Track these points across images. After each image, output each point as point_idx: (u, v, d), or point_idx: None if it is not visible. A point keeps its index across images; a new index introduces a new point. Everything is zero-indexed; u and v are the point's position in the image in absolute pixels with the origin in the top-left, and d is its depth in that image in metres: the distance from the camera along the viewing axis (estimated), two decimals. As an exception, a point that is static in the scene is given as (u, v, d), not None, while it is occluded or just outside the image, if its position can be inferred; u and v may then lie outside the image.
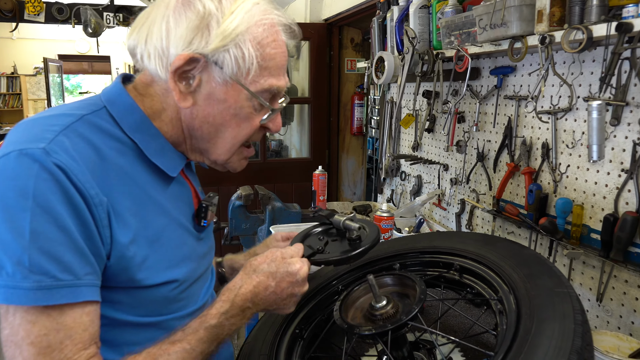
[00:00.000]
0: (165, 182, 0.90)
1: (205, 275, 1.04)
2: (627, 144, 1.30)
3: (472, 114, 1.95)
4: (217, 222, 2.09)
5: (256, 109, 0.89)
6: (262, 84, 0.87)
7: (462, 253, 1.23)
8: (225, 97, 0.85)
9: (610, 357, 1.11)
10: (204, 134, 0.89)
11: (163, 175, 0.89)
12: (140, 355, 0.78)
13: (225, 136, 0.89)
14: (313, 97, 4.11)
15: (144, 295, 0.84)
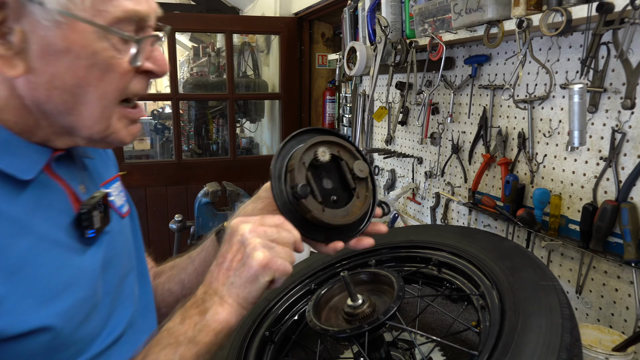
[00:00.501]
0: (16, 189, 0.64)
1: (119, 294, 0.78)
2: (605, 132, 1.27)
3: (447, 105, 1.90)
4: (182, 220, 1.98)
5: (118, 49, 0.64)
6: (113, 12, 0.62)
7: (440, 247, 1.17)
8: (67, 44, 0.61)
9: (595, 351, 1.07)
10: (58, 106, 0.64)
11: (11, 181, 0.63)
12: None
13: (89, 99, 0.64)
14: (284, 93, 4.01)
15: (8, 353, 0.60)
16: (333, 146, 0.80)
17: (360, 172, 0.80)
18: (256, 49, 4.78)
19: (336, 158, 0.80)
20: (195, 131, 4.87)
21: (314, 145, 0.77)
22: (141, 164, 3.93)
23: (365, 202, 0.81)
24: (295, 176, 0.74)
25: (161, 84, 10.83)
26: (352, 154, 0.82)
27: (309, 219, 0.77)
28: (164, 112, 7.38)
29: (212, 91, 4.70)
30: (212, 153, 4.86)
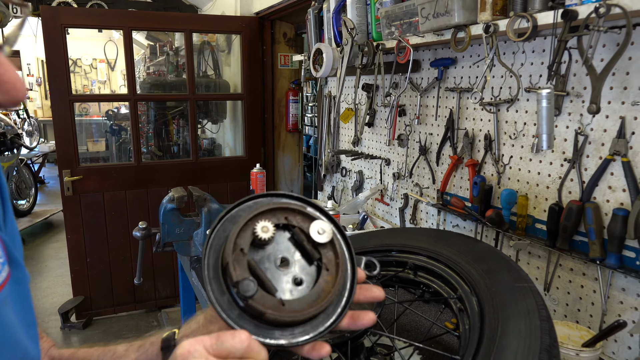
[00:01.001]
0: None
1: None
2: (568, 134, 1.31)
3: (413, 107, 1.92)
4: (147, 227, 1.91)
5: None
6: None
7: (415, 250, 1.18)
8: None
9: (565, 347, 1.10)
10: None
11: None
12: None
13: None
14: (246, 93, 3.95)
15: None
16: (277, 213, 0.60)
17: (320, 235, 0.58)
18: (217, 49, 4.68)
19: (287, 227, 0.60)
20: (155, 132, 4.72)
21: (250, 221, 0.58)
22: (98, 168, 3.76)
23: (338, 271, 0.58)
24: (232, 271, 0.55)
25: (116, 83, 10.47)
26: (305, 215, 0.60)
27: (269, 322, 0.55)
28: (120, 112, 7.14)
29: (170, 91, 4.57)
30: (172, 155, 4.73)
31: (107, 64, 10.27)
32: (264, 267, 0.58)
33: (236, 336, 0.50)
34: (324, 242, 0.59)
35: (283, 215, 0.60)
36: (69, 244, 3.60)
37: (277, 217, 0.60)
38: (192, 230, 1.94)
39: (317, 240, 0.58)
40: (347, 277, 0.60)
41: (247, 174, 4.07)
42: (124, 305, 3.84)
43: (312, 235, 0.59)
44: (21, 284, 0.60)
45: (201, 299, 1.80)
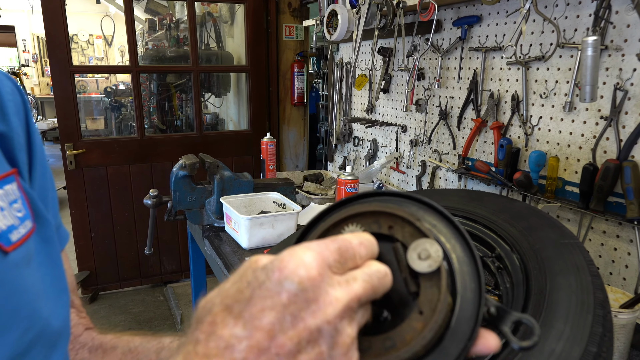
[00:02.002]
0: None
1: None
2: (605, 90, 1.25)
3: (433, 69, 1.85)
4: (158, 195, 1.85)
5: None
6: None
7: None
8: None
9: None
10: None
11: None
12: None
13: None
14: (251, 65, 3.86)
15: None
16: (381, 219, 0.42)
17: (420, 260, 0.38)
18: (219, 20, 4.56)
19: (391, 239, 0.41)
20: (158, 106, 4.63)
21: (341, 222, 0.43)
22: (100, 141, 3.69)
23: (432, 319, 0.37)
24: None
25: (114, 59, 10.31)
26: (414, 228, 0.40)
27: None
28: (118, 89, 7.02)
29: (172, 65, 4.47)
30: (176, 129, 4.65)
31: (104, 40, 10.08)
32: None
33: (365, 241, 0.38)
34: (426, 273, 0.38)
35: (387, 224, 0.42)
36: (73, 218, 3.55)
37: (379, 224, 0.42)
38: (204, 198, 1.88)
39: (413, 266, 0.39)
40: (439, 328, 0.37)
41: (252, 147, 4.01)
42: (129, 280, 3.82)
43: (408, 257, 0.39)
44: (50, 244, 0.52)
45: (215, 268, 1.76)
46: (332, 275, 0.33)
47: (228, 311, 0.33)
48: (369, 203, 0.45)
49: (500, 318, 0.39)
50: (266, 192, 1.84)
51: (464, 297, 0.39)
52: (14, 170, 0.49)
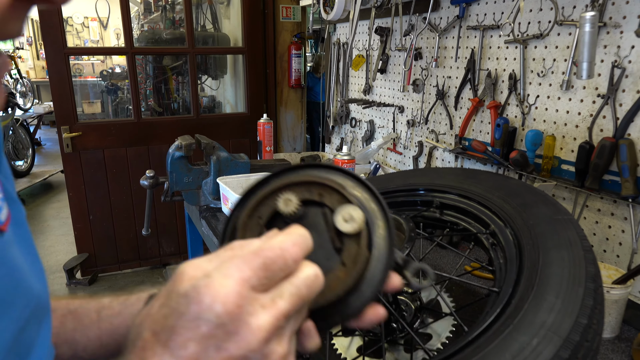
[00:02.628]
0: None
1: None
2: (603, 68, 1.24)
3: (431, 49, 1.83)
4: (155, 176, 1.85)
5: None
6: None
7: (443, 188, 1.13)
8: None
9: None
10: None
11: None
12: None
13: None
14: (247, 47, 3.82)
15: None
16: (312, 188, 0.51)
17: (346, 223, 0.47)
18: (215, 1, 4.50)
19: (321, 205, 0.50)
20: (154, 89, 4.60)
21: (279, 190, 0.50)
22: (97, 124, 3.67)
23: (353, 269, 0.46)
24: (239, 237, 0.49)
25: (109, 42, 10.19)
26: (341, 195, 0.49)
27: None
28: (114, 72, 6.95)
29: (168, 47, 4.42)
30: (173, 112, 4.63)
31: (99, 23, 9.95)
32: None
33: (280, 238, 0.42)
34: (349, 234, 0.47)
35: (318, 191, 0.51)
36: (71, 201, 3.56)
37: (311, 192, 0.51)
38: (200, 179, 1.88)
39: (339, 227, 0.48)
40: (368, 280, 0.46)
41: (249, 130, 3.99)
42: (128, 262, 3.83)
43: (335, 219, 0.48)
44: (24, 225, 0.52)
45: (212, 248, 1.77)
46: (256, 299, 0.34)
47: (156, 338, 0.34)
48: (302, 174, 0.52)
49: (406, 266, 0.52)
50: (263, 173, 1.84)
51: (378, 251, 0.48)
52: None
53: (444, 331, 0.98)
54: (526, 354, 0.63)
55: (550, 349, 0.63)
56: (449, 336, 0.96)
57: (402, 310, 1.02)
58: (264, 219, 0.50)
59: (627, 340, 1.05)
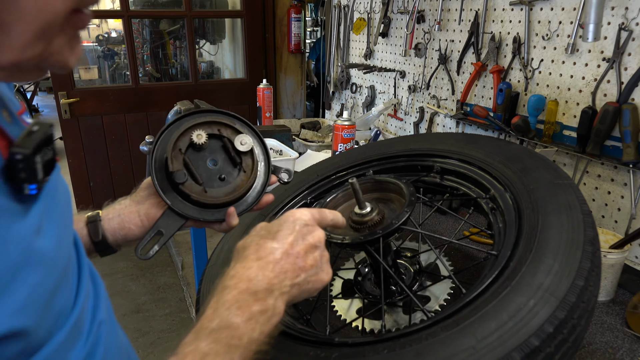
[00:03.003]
0: None
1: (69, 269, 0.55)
2: (609, 31, 1.22)
3: (434, 11, 1.79)
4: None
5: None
6: None
7: (443, 154, 1.12)
8: None
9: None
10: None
11: None
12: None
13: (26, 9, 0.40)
14: (246, 10, 3.73)
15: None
16: (212, 126, 0.78)
17: (242, 145, 0.78)
18: (212, -38, 4.37)
19: (219, 137, 0.79)
20: (151, 54, 4.52)
21: (190, 129, 0.76)
22: (94, 90, 3.63)
23: (251, 174, 0.79)
24: (170, 163, 0.74)
25: (104, 4, 9.93)
26: (234, 129, 0.79)
27: (194, 203, 0.77)
28: (111, 37, 6.81)
29: (164, 10, 4.32)
30: (171, 77, 4.57)
31: (94, -15, 9.66)
32: (198, 164, 0.78)
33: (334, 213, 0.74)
34: (245, 151, 0.79)
35: (217, 128, 0.78)
36: (71, 168, 3.56)
37: (212, 129, 0.78)
38: (200, 145, 1.88)
39: (239, 149, 0.78)
40: (255, 178, 0.81)
41: (248, 96, 3.95)
42: (130, 228, 3.86)
43: (235, 144, 0.78)
44: None
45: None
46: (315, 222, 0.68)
47: (265, 238, 0.63)
48: (204, 117, 0.78)
49: (278, 171, 0.85)
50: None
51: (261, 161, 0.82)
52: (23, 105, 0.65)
53: (442, 294, 1.00)
54: (523, 314, 0.64)
55: (546, 309, 0.64)
56: (447, 298, 0.98)
57: (401, 274, 1.03)
58: (183, 149, 0.76)
59: (621, 303, 1.07)
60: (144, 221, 0.80)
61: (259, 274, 0.59)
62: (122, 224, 0.80)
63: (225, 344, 0.54)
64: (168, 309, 3.05)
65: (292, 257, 0.62)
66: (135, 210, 0.81)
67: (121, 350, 0.62)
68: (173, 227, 0.78)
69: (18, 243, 0.43)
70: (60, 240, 0.51)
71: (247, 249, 0.62)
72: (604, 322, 1.01)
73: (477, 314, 0.65)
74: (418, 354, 0.62)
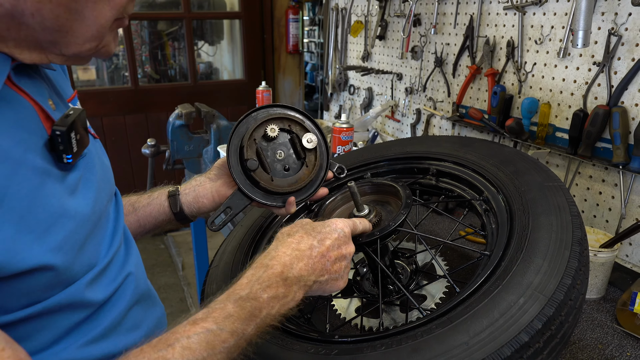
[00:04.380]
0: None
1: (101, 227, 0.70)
2: (599, 35, 1.25)
3: (430, 15, 1.82)
4: (156, 144, 1.88)
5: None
6: None
7: (438, 156, 1.16)
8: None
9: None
10: (46, 21, 0.54)
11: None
12: (149, 345, 0.58)
13: (86, 16, 0.57)
14: (244, 11, 3.76)
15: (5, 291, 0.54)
16: (285, 121, 0.89)
17: (308, 143, 0.89)
18: (210, -37, 4.39)
19: (289, 132, 0.90)
20: (150, 56, 4.54)
21: (265, 122, 0.87)
22: (94, 91, 3.66)
23: (313, 169, 0.90)
24: (245, 152, 0.85)
25: (102, 6, 9.91)
26: (302, 126, 0.90)
27: (263, 188, 0.87)
28: (109, 37, 6.80)
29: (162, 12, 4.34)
30: (170, 78, 4.59)
31: (92, -15, 9.66)
32: (267, 154, 0.88)
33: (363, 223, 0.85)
34: (310, 149, 0.89)
35: (287, 123, 0.89)
36: (71, 169, 3.58)
37: (284, 124, 0.89)
38: (201, 147, 1.91)
39: (305, 145, 0.89)
40: (316, 174, 0.91)
41: (247, 96, 3.98)
42: (130, 229, 3.89)
43: (303, 141, 0.89)
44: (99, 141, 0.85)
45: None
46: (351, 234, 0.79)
47: (309, 234, 0.74)
48: (276, 111, 0.90)
49: (332, 166, 0.95)
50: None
51: (322, 158, 0.92)
52: (76, 91, 0.78)
53: (437, 292, 1.03)
54: (513, 312, 0.67)
55: (535, 307, 0.67)
56: (442, 297, 1.01)
57: (398, 273, 1.07)
58: (257, 140, 0.87)
59: (612, 300, 1.10)
60: (215, 197, 0.94)
61: (294, 263, 0.69)
62: (196, 199, 0.94)
63: (248, 312, 0.63)
64: (169, 309, 3.08)
65: (324, 259, 0.72)
66: (209, 187, 0.94)
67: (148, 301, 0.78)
68: (240, 205, 0.88)
69: (58, 198, 0.58)
70: (95, 203, 0.66)
71: (292, 237, 0.73)
72: (595, 318, 1.04)
73: (470, 312, 0.69)
74: (414, 350, 0.66)
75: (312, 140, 0.89)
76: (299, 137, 0.89)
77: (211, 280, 1.08)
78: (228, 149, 0.87)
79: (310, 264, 0.70)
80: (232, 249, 1.13)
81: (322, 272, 0.72)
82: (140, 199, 0.97)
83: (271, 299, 0.65)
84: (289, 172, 0.90)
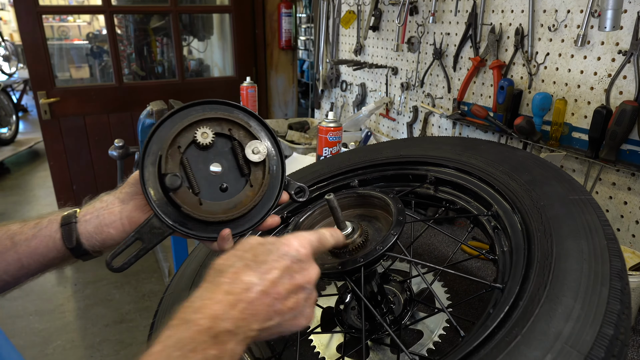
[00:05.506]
0: None
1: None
2: (626, 19, 1.07)
3: (427, 2, 1.64)
4: (124, 145, 1.70)
5: None
6: None
7: (438, 161, 0.98)
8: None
9: (612, 271, 0.94)
10: None
11: None
12: None
13: None
14: (234, 5, 3.58)
15: None
16: (223, 123, 0.65)
17: (254, 154, 0.65)
18: (199, -45, 4.22)
19: (229, 138, 0.66)
20: (136, 52, 4.36)
21: (194, 124, 0.63)
22: (76, 89, 3.47)
23: (259, 190, 0.66)
24: (164, 164, 0.62)
25: (89, 2, 9.76)
26: (247, 131, 0.66)
27: (187, 215, 0.64)
28: (101, 34, 6.65)
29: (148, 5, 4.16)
30: (157, 75, 4.41)
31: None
32: (198, 167, 0.65)
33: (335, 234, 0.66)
34: (256, 162, 0.66)
35: (228, 127, 0.65)
36: (52, 171, 3.41)
37: (222, 127, 0.65)
38: (175, 149, 1.73)
39: (249, 158, 0.65)
40: (262, 197, 0.67)
41: (237, 94, 3.79)
42: (114, 233, 3.72)
43: (246, 152, 0.65)
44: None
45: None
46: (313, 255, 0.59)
47: (247, 267, 0.53)
48: (212, 111, 0.65)
49: (289, 186, 0.71)
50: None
51: (275, 176, 0.68)
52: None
53: (437, 327, 0.86)
54: (538, 377, 0.49)
55: (568, 370, 0.49)
56: (442, 334, 0.83)
57: (389, 302, 0.89)
58: (182, 148, 0.63)
59: (643, 332, 0.93)
60: (125, 225, 0.70)
61: (227, 312, 0.50)
62: (99, 227, 0.70)
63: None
64: (153, 318, 2.90)
65: (269, 298, 0.53)
66: (118, 211, 0.70)
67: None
68: (154, 238, 0.65)
69: None
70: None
71: (224, 274, 0.53)
72: (626, 357, 0.87)
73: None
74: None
75: (259, 150, 0.65)
76: (242, 147, 0.66)
77: (164, 310, 0.91)
78: (142, 160, 0.64)
79: (249, 310, 0.51)
80: (191, 273, 0.96)
81: (268, 316, 0.53)
82: (22, 230, 0.71)
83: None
84: (227, 192, 0.66)
